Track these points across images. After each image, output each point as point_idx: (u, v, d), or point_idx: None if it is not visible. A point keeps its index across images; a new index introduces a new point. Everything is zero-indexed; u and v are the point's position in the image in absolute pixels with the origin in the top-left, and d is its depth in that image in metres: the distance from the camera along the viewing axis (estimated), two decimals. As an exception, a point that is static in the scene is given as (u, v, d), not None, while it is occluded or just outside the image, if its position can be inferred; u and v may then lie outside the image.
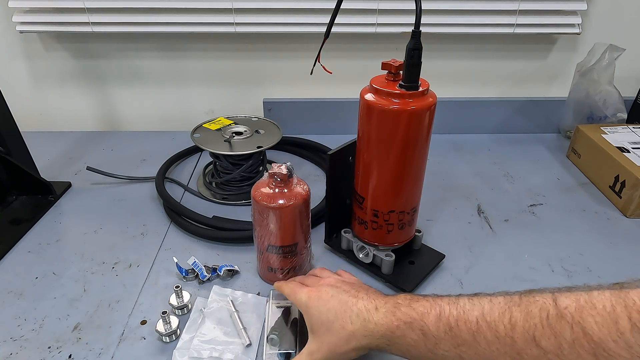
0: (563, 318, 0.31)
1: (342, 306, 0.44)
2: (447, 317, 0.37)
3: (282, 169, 0.54)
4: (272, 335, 0.51)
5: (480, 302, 0.36)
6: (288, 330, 0.52)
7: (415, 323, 0.39)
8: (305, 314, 0.46)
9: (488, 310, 0.35)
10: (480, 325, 0.35)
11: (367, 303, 0.43)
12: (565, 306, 0.32)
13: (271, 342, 0.51)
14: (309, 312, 0.46)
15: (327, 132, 1.01)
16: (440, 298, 0.40)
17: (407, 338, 0.39)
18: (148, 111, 1.06)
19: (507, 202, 0.79)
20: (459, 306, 0.37)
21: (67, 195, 0.81)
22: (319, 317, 0.44)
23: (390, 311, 0.41)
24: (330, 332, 0.43)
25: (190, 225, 0.71)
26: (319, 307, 0.45)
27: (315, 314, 0.45)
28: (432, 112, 0.52)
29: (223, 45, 0.98)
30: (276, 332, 0.51)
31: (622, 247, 0.68)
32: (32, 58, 1.00)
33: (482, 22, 0.92)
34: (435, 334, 0.37)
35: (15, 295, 0.59)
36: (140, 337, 0.53)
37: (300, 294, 0.48)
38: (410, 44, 0.48)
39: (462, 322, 0.36)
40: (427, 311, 0.39)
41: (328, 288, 0.47)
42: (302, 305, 0.47)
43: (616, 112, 0.93)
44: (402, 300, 0.41)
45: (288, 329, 0.52)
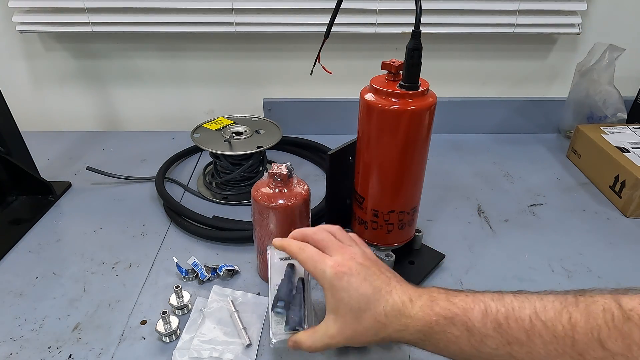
0: (630, 320, 0.31)
1: (376, 294, 0.40)
2: (494, 314, 0.35)
3: (282, 169, 0.54)
4: (278, 309, 0.46)
5: (529, 300, 0.35)
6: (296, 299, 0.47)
7: (457, 318, 0.37)
8: (330, 292, 0.41)
9: (541, 309, 0.34)
10: (534, 323, 0.34)
11: (401, 294, 0.40)
12: (631, 308, 0.31)
13: (277, 315, 0.46)
14: (336, 293, 0.41)
15: (327, 132, 1.01)
16: (481, 294, 0.38)
17: (447, 334, 0.37)
18: (148, 111, 1.06)
19: (507, 202, 0.79)
20: (506, 303, 0.36)
21: (67, 195, 0.81)
22: (348, 302, 0.40)
23: (427, 305, 0.39)
24: (358, 320, 0.40)
25: (190, 225, 0.71)
26: (348, 290, 0.40)
27: (344, 297, 0.40)
28: (432, 112, 0.52)
29: (223, 45, 0.98)
30: (283, 302, 0.46)
31: (622, 247, 0.68)
32: (32, 58, 1.00)
33: (482, 22, 0.92)
34: (482, 330, 0.35)
35: (15, 295, 0.59)
36: (140, 337, 0.53)
37: (322, 266, 0.42)
38: (410, 44, 0.48)
39: (513, 320, 0.35)
40: (470, 307, 0.37)
41: (358, 267, 0.41)
42: (326, 281, 0.41)
43: (616, 112, 0.93)
44: (437, 294, 0.39)
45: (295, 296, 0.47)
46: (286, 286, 0.48)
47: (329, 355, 0.51)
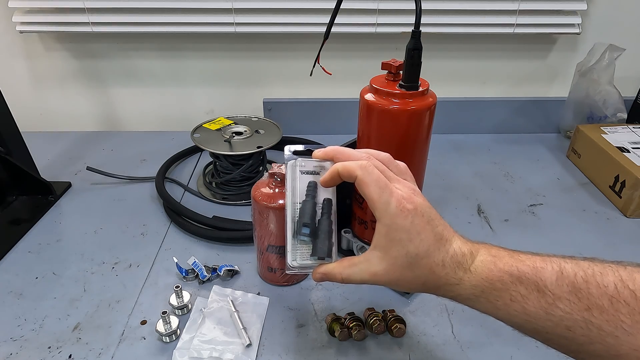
0: None
1: (437, 242, 0.37)
2: (571, 277, 0.33)
3: (282, 169, 0.54)
4: (303, 236, 0.40)
5: (612, 268, 0.33)
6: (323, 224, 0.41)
7: (525, 277, 0.34)
8: (387, 229, 0.37)
9: (628, 278, 0.31)
10: (620, 291, 0.31)
11: (461, 245, 0.37)
12: None
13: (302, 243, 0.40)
14: (395, 232, 0.36)
15: (327, 132, 1.01)
16: (550, 255, 0.35)
17: (510, 292, 0.34)
18: (148, 111, 1.06)
19: (507, 202, 0.79)
20: (584, 267, 0.33)
21: (67, 195, 0.81)
22: (407, 245, 0.36)
23: (489, 260, 0.36)
24: (411, 267, 0.36)
25: (190, 225, 0.71)
26: (410, 232, 0.36)
27: (404, 238, 0.36)
28: (432, 112, 0.52)
29: (223, 45, 0.98)
30: (308, 228, 0.40)
31: (622, 247, 0.68)
32: (32, 58, 1.00)
33: (482, 22, 0.92)
34: (556, 292, 0.33)
35: (15, 295, 0.59)
36: (140, 337, 0.53)
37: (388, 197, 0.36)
38: (410, 44, 0.48)
39: (594, 285, 0.32)
40: (541, 266, 0.34)
41: (423, 208, 0.37)
42: (387, 215, 0.36)
43: (616, 112, 0.93)
44: (497, 251, 0.37)
45: (321, 221, 0.41)
46: (311, 208, 0.41)
47: (329, 355, 0.51)
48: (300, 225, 0.40)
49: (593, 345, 0.32)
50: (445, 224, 0.39)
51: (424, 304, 0.58)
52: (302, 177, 0.43)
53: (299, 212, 0.41)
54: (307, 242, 0.41)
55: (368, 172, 0.37)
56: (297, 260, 0.41)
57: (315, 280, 0.41)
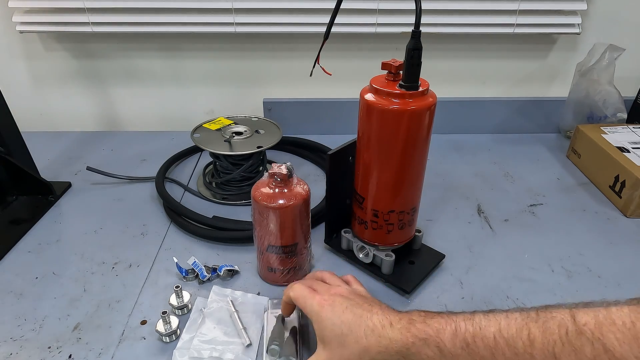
0: (583, 334, 0.31)
1: (357, 320, 0.43)
2: (463, 334, 0.37)
3: (282, 169, 0.54)
4: (272, 346, 0.49)
5: (496, 318, 0.36)
6: (289, 338, 0.51)
7: (430, 339, 0.39)
8: (317, 324, 0.45)
9: (505, 326, 0.35)
10: (497, 341, 0.35)
11: (381, 318, 0.43)
12: (585, 322, 0.32)
13: (272, 352, 0.49)
14: (322, 323, 0.45)
15: (327, 132, 1.01)
16: (455, 314, 0.40)
17: (422, 355, 0.39)
18: (148, 111, 1.06)
19: (507, 202, 0.79)
20: (475, 322, 0.37)
21: (67, 195, 0.81)
22: (332, 329, 0.44)
23: (405, 327, 0.41)
24: (342, 345, 0.43)
25: (190, 225, 0.71)
26: (332, 319, 0.44)
27: (328, 325, 0.44)
28: (432, 112, 0.52)
29: (223, 45, 0.98)
30: (277, 342, 0.49)
31: (622, 247, 0.68)
32: (32, 58, 1.00)
33: (482, 22, 0.92)
34: (452, 350, 0.37)
35: (15, 295, 0.59)
36: (140, 337, 0.53)
37: (310, 301, 0.46)
38: (410, 44, 0.48)
39: (479, 339, 0.36)
40: (443, 327, 0.39)
41: (341, 299, 0.46)
42: (314, 313, 0.46)
43: (616, 112, 0.93)
44: (416, 317, 0.41)
45: (289, 337, 0.51)
46: (278, 330, 0.51)
47: None
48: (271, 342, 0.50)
49: None
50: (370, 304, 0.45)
51: (424, 304, 0.58)
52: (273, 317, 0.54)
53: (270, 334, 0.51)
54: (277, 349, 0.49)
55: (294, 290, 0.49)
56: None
57: None
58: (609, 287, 0.61)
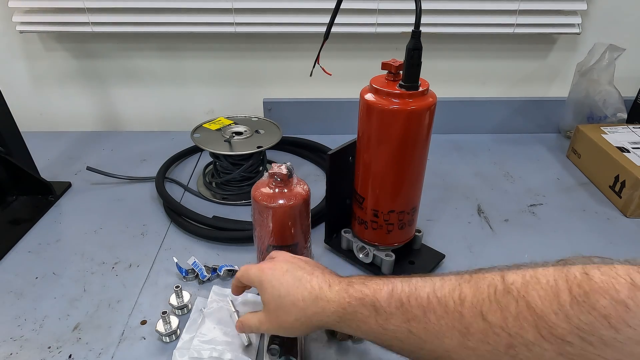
0: (509, 293, 0.32)
1: (296, 282, 0.44)
2: (399, 294, 0.38)
3: (282, 169, 0.54)
4: (273, 345, 0.49)
5: (432, 279, 0.37)
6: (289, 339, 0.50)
7: (366, 299, 0.39)
8: (259, 289, 0.46)
9: (439, 287, 0.36)
10: (430, 300, 0.36)
11: (320, 281, 0.43)
12: (512, 282, 0.33)
13: (272, 352, 0.49)
14: (262, 286, 0.45)
15: (327, 132, 1.01)
16: (394, 277, 0.40)
17: (357, 314, 0.39)
18: (148, 111, 1.06)
19: (507, 202, 0.79)
20: (412, 283, 0.38)
21: (67, 195, 0.81)
22: (272, 292, 0.44)
23: (343, 289, 0.41)
24: (280, 307, 0.44)
25: (190, 225, 0.71)
26: (271, 281, 0.45)
27: (268, 288, 0.45)
28: (432, 112, 0.52)
29: (223, 45, 0.98)
30: (277, 342, 0.49)
31: (622, 247, 0.68)
32: (32, 58, 1.00)
33: (482, 22, 0.92)
34: (387, 309, 0.38)
35: (15, 295, 0.59)
36: (140, 337, 0.53)
37: (252, 270, 0.47)
38: (410, 44, 0.48)
39: (414, 298, 0.37)
40: (380, 288, 0.39)
41: (283, 263, 0.46)
42: (256, 280, 0.46)
43: (616, 112, 0.93)
44: (355, 280, 0.42)
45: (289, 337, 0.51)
46: None
47: (329, 355, 0.51)
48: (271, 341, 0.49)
49: (420, 352, 0.36)
50: (311, 268, 0.45)
51: (424, 304, 0.58)
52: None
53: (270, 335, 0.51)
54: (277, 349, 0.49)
55: (240, 270, 0.49)
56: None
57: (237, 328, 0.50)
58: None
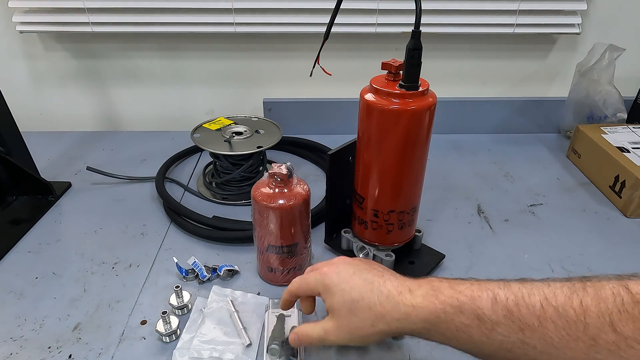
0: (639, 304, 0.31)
1: (368, 285, 0.40)
2: (504, 301, 0.35)
3: (282, 169, 0.54)
4: (273, 345, 0.49)
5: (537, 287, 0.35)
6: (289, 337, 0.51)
7: (465, 307, 0.37)
8: (324, 295, 0.42)
9: (551, 295, 0.34)
10: (545, 309, 0.33)
11: (397, 284, 0.40)
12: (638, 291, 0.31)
13: (272, 352, 0.49)
14: (329, 291, 0.41)
15: (327, 132, 1.01)
16: (485, 282, 0.38)
17: (455, 322, 0.37)
18: (148, 111, 1.06)
19: (507, 202, 0.79)
20: (515, 290, 0.36)
21: (67, 195, 0.81)
22: (341, 295, 0.40)
23: (430, 294, 0.38)
24: (353, 312, 0.40)
25: (190, 225, 0.71)
26: (339, 285, 0.41)
27: (337, 292, 0.41)
28: (432, 112, 0.52)
29: (223, 45, 0.98)
30: (277, 341, 0.49)
31: (622, 247, 0.68)
32: (32, 58, 1.00)
33: (482, 22, 0.92)
34: (493, 318, 0.35)
35: (15, 295, 0.59)
36: (140, 337, 0.53)
37: (310, 277, 0.43)
38: (410, 44, 0.48)
39: (524, 307, 0.34)
40: (478, 295, 0.37)
41: (345, 265, 0.43)
42: (319, 285, 0.42)
43: (616, 112, 0.93)
44: (438, 283, 0.39)
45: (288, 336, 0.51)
46: (279, 329, 0.51)
47: (329, 355, 0.51)
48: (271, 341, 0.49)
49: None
50: (380, 270, 0.43)
51: (424, 304, 0.58)
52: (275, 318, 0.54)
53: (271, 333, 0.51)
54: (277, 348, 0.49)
55: (294, 282, 0.47)
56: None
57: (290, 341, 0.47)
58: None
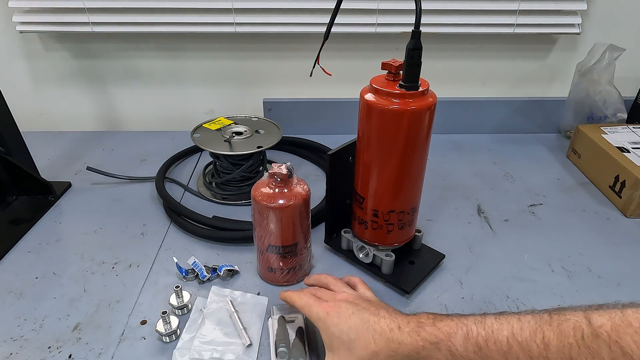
0: (599, 337, 0.31)
1: (364, 324, 0.43)
2: (475, 337, 0.37)
3: (282, 169, 0.54)
4: (281, 349, 0.49)
5: (509, 321, 0.36)
6: (296, 340, 0.51)
7: (442, 343, 0.38)
8: (323, 331, 0.45)
9: (518, 330, 0.35)
10: (511, 344, 0.35)
11: (389, 322, 0.42)
12: (600, 324, 0.31)
13: (281, 355, 0.49)
14: (328, 330, 0.44)
15: (327, 132, 1.01)
16: (465, 317, 0.40)
17: (432, 358, 0.39)
18: (148, 111, 1.06)
19: (507, 202, 0.79)
20: (487, 326, 0.37)
21: (67, 195, 0.81)
22: (340, 336, 0.43)
23: (414, 331, 0.41)
24: (350, 351, 0.42)
25: (190, 225, 0.71)
26: (338, 325, 0.44)
27: (335, 332, 0.44)
28: (432, 112, 0.52)
29: (223, 45, 0.98)
30: (284, 344, 0.50)
31: (622, 247, 0.68)
32: (32, 58, 1.00)
33: (482, 22, 0.92)
34: (464, 354, 0.37)
35: (15, 295, 0.59)
36: (140, 337, 0.53)
37: (316, 309, 0.46)
38: (410, 44, 0.48)
39: (492, 342, 0.36)
40: (454, 331, 0.38)
41: (347, 304, 0.46)
42: (320, 321, 0.46)
43: (616, 112, 0.93)
44: (425, 320, 0.41)
45: (295, 338, 0.51)
46: (282, 332, 0.52)
47: (329, 355, 0.51)
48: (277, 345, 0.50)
49: None
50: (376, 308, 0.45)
51: (424, 304, 0.58)
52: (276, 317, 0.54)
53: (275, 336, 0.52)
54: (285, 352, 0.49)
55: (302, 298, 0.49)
56: None
57: None
58: (609, 287, 0.61)
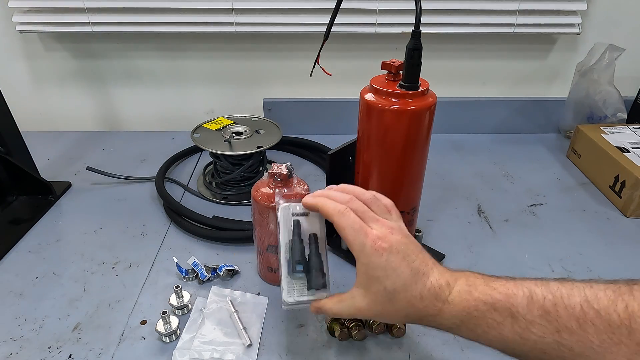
0: None
1: (414, 277, 0.38)
2: (540, 301, 0.34)
3: (282, 169, 0.54)
4: (298, 273, 0.43)
5: (578, 287, 0.34)
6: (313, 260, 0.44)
7: (499, 304, 0.36)
8: (365, 267, 0.39)
9: (593, 297, 0.33)
10: (586, 312, 0.32)
11: (438, 277, 0.39)
12: None
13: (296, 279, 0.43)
14: (372, 270, 0.39)
15: (327, 132, 1.01)
16: (522, 279, 0.37)
17: (487, 320, 0.36)
18: (148, 111, 1.06)
19: (507, 202, 0.79)
20: (553, 290, 0.34)
21: (67, 195, 0.81)
22: (384, 281, 0.38)
23: (464, 290, 0.38)
24: (391, 301, 0.39)
25: (190, 225, 0.71)
26: (386, 269, 0.38)
27: (381, 276, 0.38)
28: (432, 112, 0.52)
29: (223, 45, 0.98)
30: (301, 265, 0.43)
31: (622, 247, 0.69)
32: (32, 58, 1.00)
33: (482, 22, 0.92)
34: (528, 317, 0.34)
35: (15, 295, 0.59)
36: (140, 337, 0.53)
37: (364, 239, 0.39)
38: (410, 44, 0.48)
39: (562, 307, 0.33)
40: (513, 292, 0.36)
41: (398, 244, 0.39)
42: (364, 255, 0.39)
43: (616, 112, 0.93)
44: (474, 279, 0.38)
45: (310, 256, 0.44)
46: (298, 246, 0.45)
47: (329, 355, 0.51)
48: (294, 264, 0.44)
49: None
50: (424, 257, 0.40)
51: (424, 304, 0.58)
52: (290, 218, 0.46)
53: (290, 252, 0.45)
54: (302, 278, 0.44)
55: (344, 217, 0.40)
56: (293, 297, 0.44)
57: (312, 312, 0.44)
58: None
